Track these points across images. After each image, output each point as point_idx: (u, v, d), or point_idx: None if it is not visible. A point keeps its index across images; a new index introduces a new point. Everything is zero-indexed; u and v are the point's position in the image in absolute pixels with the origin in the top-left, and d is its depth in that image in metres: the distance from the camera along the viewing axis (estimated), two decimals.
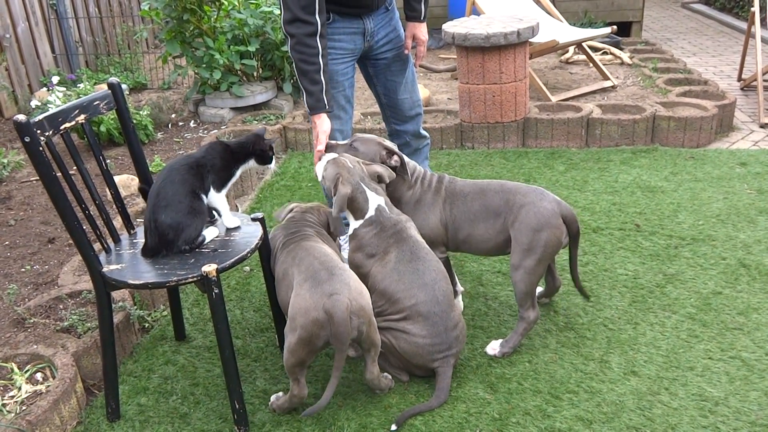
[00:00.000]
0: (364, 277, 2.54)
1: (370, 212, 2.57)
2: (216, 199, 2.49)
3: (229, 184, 2.54)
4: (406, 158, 2.81)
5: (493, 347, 2.69)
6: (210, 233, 2.46)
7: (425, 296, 2.44)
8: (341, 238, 3.46)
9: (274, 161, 2.64)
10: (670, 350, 2.64)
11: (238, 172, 2.57)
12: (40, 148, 2.08)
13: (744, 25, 7.91)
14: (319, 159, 2.71)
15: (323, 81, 2.78)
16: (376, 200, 2.58)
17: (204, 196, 2.44)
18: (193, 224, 2.36)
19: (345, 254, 3.11)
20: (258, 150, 2.57)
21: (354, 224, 2.60)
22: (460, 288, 2.99)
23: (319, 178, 2.65)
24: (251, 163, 2.59)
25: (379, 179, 2.68)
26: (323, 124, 2.82)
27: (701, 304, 2.91)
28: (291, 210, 2.81)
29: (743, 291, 2.99)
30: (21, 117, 2.04)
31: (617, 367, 2.56)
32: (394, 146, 2.80)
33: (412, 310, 2.43)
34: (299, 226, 2.65)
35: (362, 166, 2.64)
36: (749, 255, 3.25)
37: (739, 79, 6.19)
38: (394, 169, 2.77)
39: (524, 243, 2.58)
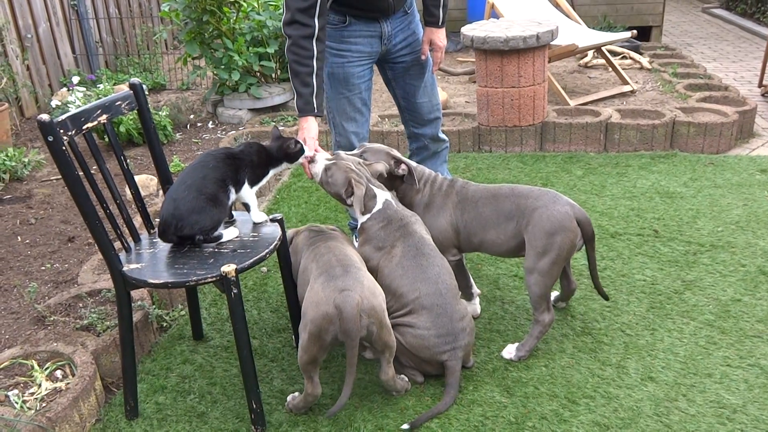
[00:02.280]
0: (373, 270, 2.56)
1: (378, 206, 2.62)
2: (247, 193, 2.54)
3: (262, 183, 2.61)
4: (413, 164, 2.85)
5: (509, 351, 2.68)
6: (229, 233, 2.49)
7: (428, 289, 2.46)
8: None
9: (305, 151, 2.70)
10: (688, 357, 2.63)
11: (271, 173, 2.64)
12: (63, 148, 2.11)
13: (765, 31, 7.85)
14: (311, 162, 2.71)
15: (315, 84, 2.76)
16: (383, 195, 2.64)
17: (233, 189, 2.48)
18: (211, 211, 2.40)
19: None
20: (283, 153, 2.63)
21: (362, 218, 2.64)
22: (476, 290, 2.99)
23: (318, 180, 2.68)
24: (283, 165, 2.67)
25: (380, 176, 2.74)
26: (311, 128, 2.78)
27: (720, 311, 2.89)
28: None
29: (763, 298, 2.96)
30: (45, 117, 2.07)
31: (634, 373, 2.55)
32: (401, 155, 2.83)
33: (416, 303, 2.45)
34: (327, 229, 2.68)
35: (364, 167, 2.69)
36: None
37: (760, 85, 6.14)
38: (402, 177, 2.81)
39: (538, 246, 2.58)
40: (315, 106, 2.78)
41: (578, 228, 2.61)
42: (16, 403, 2.37)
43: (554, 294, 2.99)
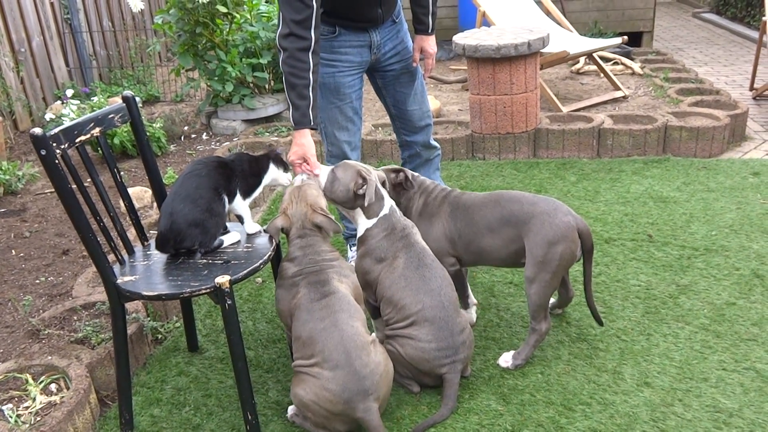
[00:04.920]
0: (371, 284, 2.55)
1: (385, 210, 2.58)
2: (240, 205, 2.55)
3: (255, 194, 2.61)
4: (410, 173, 2.86)
5: (506, 359, 2.68)
6: (230, 238, 2.51)
7: (431, 301, 2.45)
8: (350, 254, 3.46)
9: (289, 172, 2.71)
10: (683, 361, 2.63)
11: (264, 182, 2.64)
12: (56, 161, 2.11)
13: (756, 35, 7.89)
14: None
15: (311, 97, 2.74)
16: (389, 201, 2.61)
17: (227, 199, 2.48)
18: (208, 222, 2.40)
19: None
20: (273, 155, 2.66)
21: (366, 224, 2.59)
22: (473, 300, 2.99)
23: (323, 185, 2.61)
24: (273, 171, 2.66)
25: (384, 183, 2.72)
26: (310, 146, 2.72)
27: (715, 315, 2.90)
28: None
29: (757, 302, 2.97)
30: (37, 130, 2.07)
31: (630, 379, 2.55)
32: (396, 166, 2.83)
33: (419, 315, 2.44)
34: (317, 262, 2.43)
35: (371, 169, 2.66)
36: (763, 265, 3.24)
37: (752, 88, 6.17)
38: (400, 184, 2.81)
39: (539, 256, 2.57)
40: (311, 118, 2.75)
41: (579, 239, 2.60)
42: (11, 417, 2.36)
43: (551, 301, 2.99)
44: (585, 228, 2.62)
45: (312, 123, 2.75)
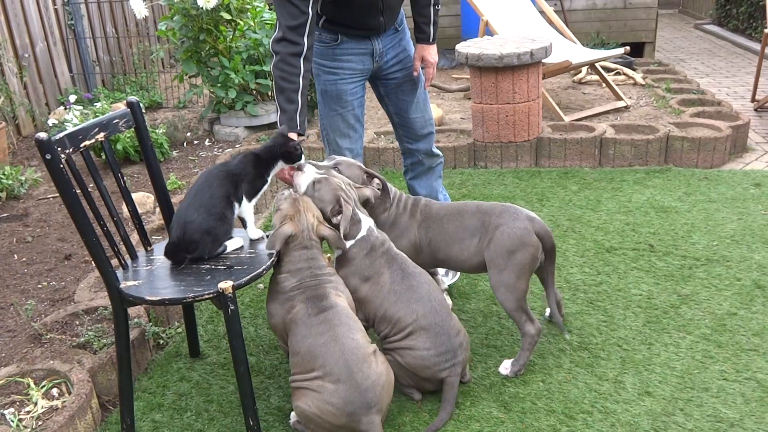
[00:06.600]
0: (358, 302, 2.53)
1: (362, 232, 2.57)
2: (246, 208, 2.55)
3: (261, 192, 2.60)
4: (385, 180, 2.84)
5: (505, 367, 2.69)
6: (233, 243, 2.51)
7: (424, 309, 2.46)
8: None
9: (303, 159, 2.66)
10: (684, 371, 2.63)
11: (269, 178, 2.62)
12: (61, 166, 2.12)
13: (757, 46, 7.92)
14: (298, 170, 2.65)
15: (299, 102, 2.75)
16: (367, 222, 2.59)
17: (237, 204, 2.49)
18: (219, 231, 2.41)
19: None
20: (284, 152, 2.60)
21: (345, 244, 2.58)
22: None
23: (301, 191, 2.59)
24: (280, 165, 2.62)
25: (366, 202, 2.70)
26: None
27: (716, 324, 2.90)
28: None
29: (758, 312, 2.97)
30: (42, 135, 2.08)
31: (631, 388, 2.56)
32: (372, 171, 2.82)
33: (415, 325, 2.45)
34: (316, 276, 2.42)
35: (353, 189, 2.65)
36: (764, 276, 3.24)
37: (753, 99, 6.19)
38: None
39: (499, 264, 2.61)
40: (298, 123, 2.76)
41: (539, 241, 2.63)
42: (12, 421, 2.36)
43: (548, 311, 3.00)
44: (544, 230, 2.65)
45: (299, 127, 2.76)
